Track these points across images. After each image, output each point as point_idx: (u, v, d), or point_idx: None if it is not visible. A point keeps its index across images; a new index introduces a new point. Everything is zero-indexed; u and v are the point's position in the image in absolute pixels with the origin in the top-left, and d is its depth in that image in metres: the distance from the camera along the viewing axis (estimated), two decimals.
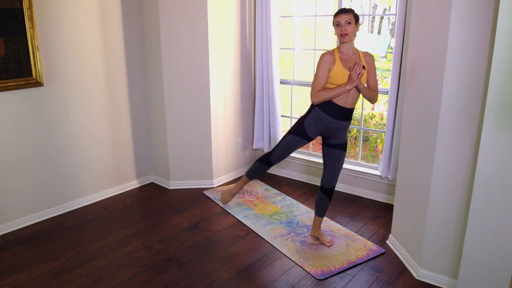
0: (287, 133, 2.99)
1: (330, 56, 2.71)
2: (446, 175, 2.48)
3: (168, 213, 3.65)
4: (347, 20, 2.66)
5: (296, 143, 2.94)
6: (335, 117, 2.78)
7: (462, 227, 2.45)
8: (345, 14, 2.67)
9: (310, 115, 2.84)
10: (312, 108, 2.84)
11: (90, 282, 2.67)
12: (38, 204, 3.48)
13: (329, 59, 2.70)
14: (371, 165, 4.00)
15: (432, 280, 2.66)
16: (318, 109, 2.79)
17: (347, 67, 2.71)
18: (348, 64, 2.71)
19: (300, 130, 2.89)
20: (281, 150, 3.03)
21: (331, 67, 2.70)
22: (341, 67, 2.70)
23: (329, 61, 2.70)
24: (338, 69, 2.69)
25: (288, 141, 2.96)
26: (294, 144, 2.95)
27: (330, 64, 2.70)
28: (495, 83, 2.03)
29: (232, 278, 2.73)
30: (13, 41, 3.09)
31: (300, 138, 2.90)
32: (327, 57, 2.71)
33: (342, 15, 2.67)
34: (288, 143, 2.97)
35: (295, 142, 2.94)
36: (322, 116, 2.79)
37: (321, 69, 2.71)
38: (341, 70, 2.69)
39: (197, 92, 3.98)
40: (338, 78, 2.70)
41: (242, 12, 4.20)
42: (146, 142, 4.26)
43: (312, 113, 2.83)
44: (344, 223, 3.47)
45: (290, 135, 2.95)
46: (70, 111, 3.55)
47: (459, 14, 2.24)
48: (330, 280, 2.71)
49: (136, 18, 3.92)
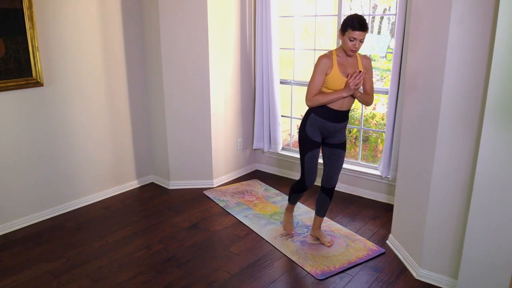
0: (302, 156, 2.88)
1: (328, 60, 2.66)
2: (446, 175, 2.48)
3: (168, 213, 3.65)
4: (362, 38, 2.57)
5: (315, 156, 2.87)
6: (331, 121, 2.77)
7: (462, 227, 2.45)
8: (364, 32, 2.55)
9: (308, 123, 2.81)
10: (308, 114, 2.81)
11: (90, 282, 2.67)
12: (38, 204, 3.48)
13: (327, 63, 2.66)
14: (371, 165, 4.00)
15: (432, 280, 2.66)
16: (314, 114, 2.77)
17: (345, 72, 2.67)
18: (346, 69, 2.68)
19: (309, 142, 2.82)
20: (309, 172, 2.91)
21: (328, 71, 2.66)
22: (338, 73, 2.66)
23: (327, 65, 2.66)
24: (335, 74, 2.66)
25: (309, 161, 2.86)
26: (314, 158, 2.87)
27: (328, 68, 2.66)
28: (495, 83, 2.03)
29: (232, 278, 2.73)
30: (13, 41, 3.09)
31: (314, 148, 2.84)
32: (325, 60, 2.66)
33: (361, 33, 2.54)
34: (311, 163, 2.87)
35: (313, 156, 2.86)
36: (319, 121, 2.77)
37: (318, 73, 2.67)
38: (338, 76, 2.66)
39: (197, 92, 3.98)
40: (334, 83, 2.67)
41: (242, 12, 4.20)
42: (146, 142, 4.26)
43: (309, 119, 2.80)
44: (344, 223, 3.47)
45: (305, 155, 2.86)
46: (70, 111, 3.55)
47: (459, 14, 2.24)
48: (330, 280, 2.71)
49: (136, 18, 3.92)
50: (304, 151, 2.87)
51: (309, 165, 2.87)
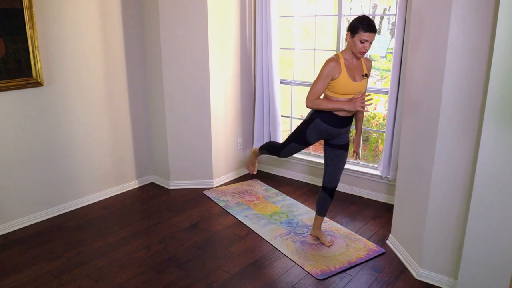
0: (289, 140, 2.95)
1: (337, 64, 2.62)
2: (446, 175, 2.48)
3: (168, 213, 3.65)
4: (372, 40, 2.56)
5: (299, 149, 2.97)
6: (336, 127, 2.78)
7: (462, 227, 2.45)
8: (374, 34, 2.53)
9: (311, 126, 2.80)
10: (313, 118, 2.79)
11: (90, 282, 2.67)
12: (38, 204, 3.48)
13: (335, 67, 2.62)
14: (371, 165, 4.00)
15: (432, 280, 2.66)
16: (320, 120, 2.76)
17: (352, 75, 2.66)
18: (353, 72, 2.67)
19: (303, 139, 2.87)
20: (286, 152, 3.03)
21: (336, 75, 2.63)
22: (347, 77, 2.64)
23: (335, 69, 2.62)
24: (344, 78, 2.63)
25: (292, 148, 2.96)
26: (297, 149, 2.97)
27: (335, 73, 2.63)
28: (495, 83, 2.03)
29: (232, 278, 2.73)
30: (13, 41, 3.09)
31: (303, 145, 2.92)
32: (333, 64, 2.62)
33: (372, 34, 2.53)
34: (292, 150, 2.98)
35: (297, 148, 2.96)
36: (323, 127, 2.78)
37: (324, 77, 2.63)
38: (347, 80, 2.64)
39: (197, 92, 3.98)
40: (342, 87, 2.65)
41: (242, 12, 4.20)
42: (146, 142, 4.26)
43: (313, 123, 2.79)
44: (344, 223, 3.47)
45: (293, 143, 2.93)
46: (70, 111, 3.55)
47: (459, 14, 2.24)
48: (330, 280, 2.71)
49: (136, 18, 3.92)
50: (294, 139, 2.93)
51: (290, 150, 2.99)
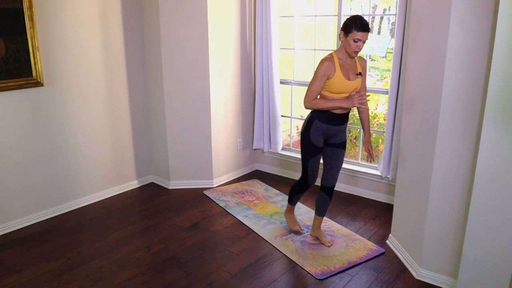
0: (305, 160, 2.92)
1: (331, 63, 2.67)
2: (446, 175, 2.48)
3: (168, 213, 3.65)
4: (366, 39, 2.60)
5: (318, 160, 2.94)
6: (334, 124, 2.81)
7: (462, 227, 2.45)
8: (367, 33, 2.57)
9: (312, 129, 2.82)
10: (311, 120, 2.82)
11: (90, 282, 2.67)
12: (38, 204, 3.48)
13: (329, 67, 2.66)
14: (371, 165, 4.00)
15: (432, 280, 2.66)
16: (318, 121, 2.79)
17: (346, 74, 2.70)
18: (347, 71, 2.70)
19: (313, 149, 2.87)
20: (312, 174, 2.97)
21: (331, 75, 2.67)
22: (341, 76, 2.68)
23: (330, 69, 2.66)
24: (338, 78, 2.68)
25: (312, 165, 2.93)
26: (317, 162, 2.94)
27: (330, 72, 2.67)
28: (495, 83, 2.03)
29: (232, 278, 2.73)
30: (13, 41, 3.09)
31: (318, 154, 2.90)
32: (328, 64, 2.66)
33: (365, 33, 2.57)
34: (314, 167, 2.94)
35: (316, 161, 2.93)
36: (323, 127, 2.81)
37: (320, 77, 2.68)
38: (341, 79, 2.68)
39: (197, 92, 3.98)
40: (337, 86, 2.69)
41: (242, 12, 4.20)
42: (146, 142, 4.26)
43: (313, 126, 2.82)
44: (344, 223, 3.47)
45: (309, 160, 2.90)
46: (70, 111, 3.55)
47: (459, 14, 2.24)
48: (330, 280, 2.71)
49: (136, 18, 3.92)
50: (308, 156, 2.90)
51: (312, 168, 2.95)
